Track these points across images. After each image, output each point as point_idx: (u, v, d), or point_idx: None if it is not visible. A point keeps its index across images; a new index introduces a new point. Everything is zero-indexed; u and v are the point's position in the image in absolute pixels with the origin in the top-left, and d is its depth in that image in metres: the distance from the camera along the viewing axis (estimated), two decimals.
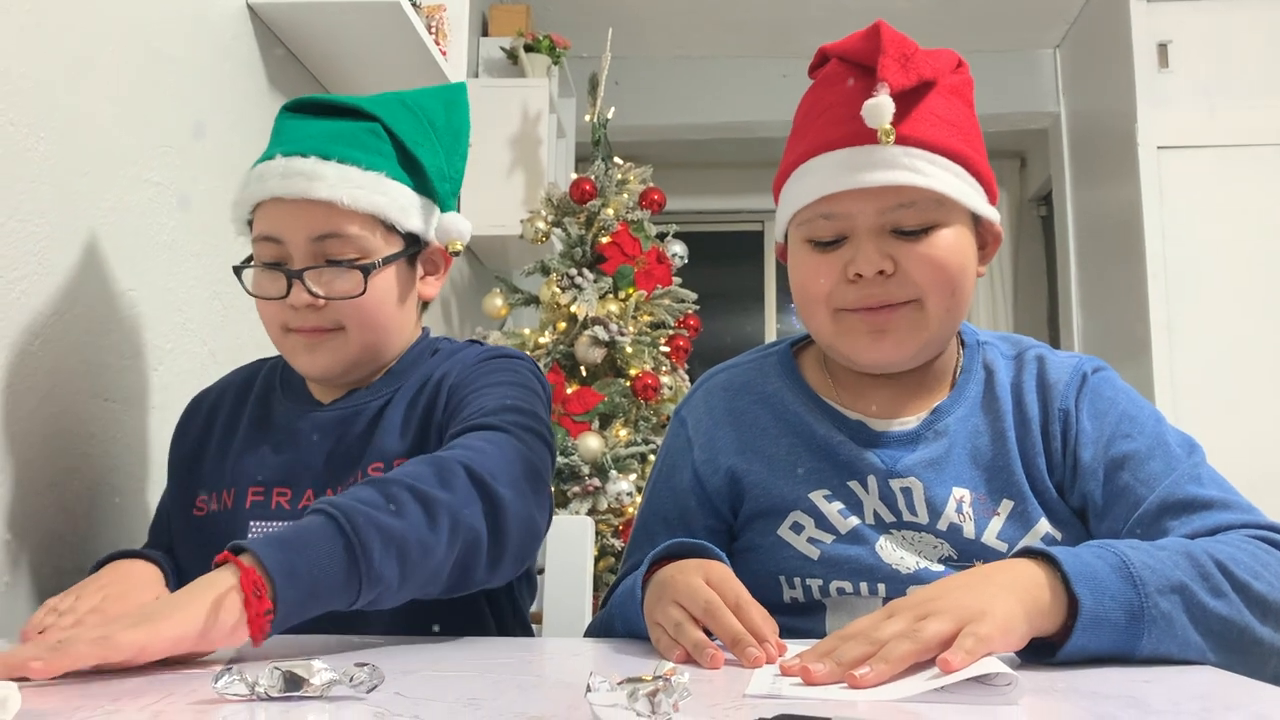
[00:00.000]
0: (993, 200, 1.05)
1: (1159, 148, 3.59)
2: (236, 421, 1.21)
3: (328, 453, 1.13)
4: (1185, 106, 3.62)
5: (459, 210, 1.24)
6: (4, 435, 1.16)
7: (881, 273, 0.98)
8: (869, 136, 0.97)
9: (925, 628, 0.73)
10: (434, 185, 1.18)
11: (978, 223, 1.04)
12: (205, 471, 1.18)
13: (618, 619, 1.00)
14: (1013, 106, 4.40)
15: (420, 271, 1.21)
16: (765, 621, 0.84)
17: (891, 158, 0.97)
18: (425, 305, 1.25)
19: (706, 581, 0.87)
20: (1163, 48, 3.66)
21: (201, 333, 1.59)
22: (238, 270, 1.16)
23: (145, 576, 1.09)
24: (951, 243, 1.00)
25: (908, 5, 4.01)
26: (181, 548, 1.17)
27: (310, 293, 1.10)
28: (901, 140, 0.97)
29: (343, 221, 1.10)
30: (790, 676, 0.73)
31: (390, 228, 1.14)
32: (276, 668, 0.65)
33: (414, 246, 1.18)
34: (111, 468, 1.36)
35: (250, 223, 1.16)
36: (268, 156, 1.13)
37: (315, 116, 1.16)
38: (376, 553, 0.82)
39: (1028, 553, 0.83)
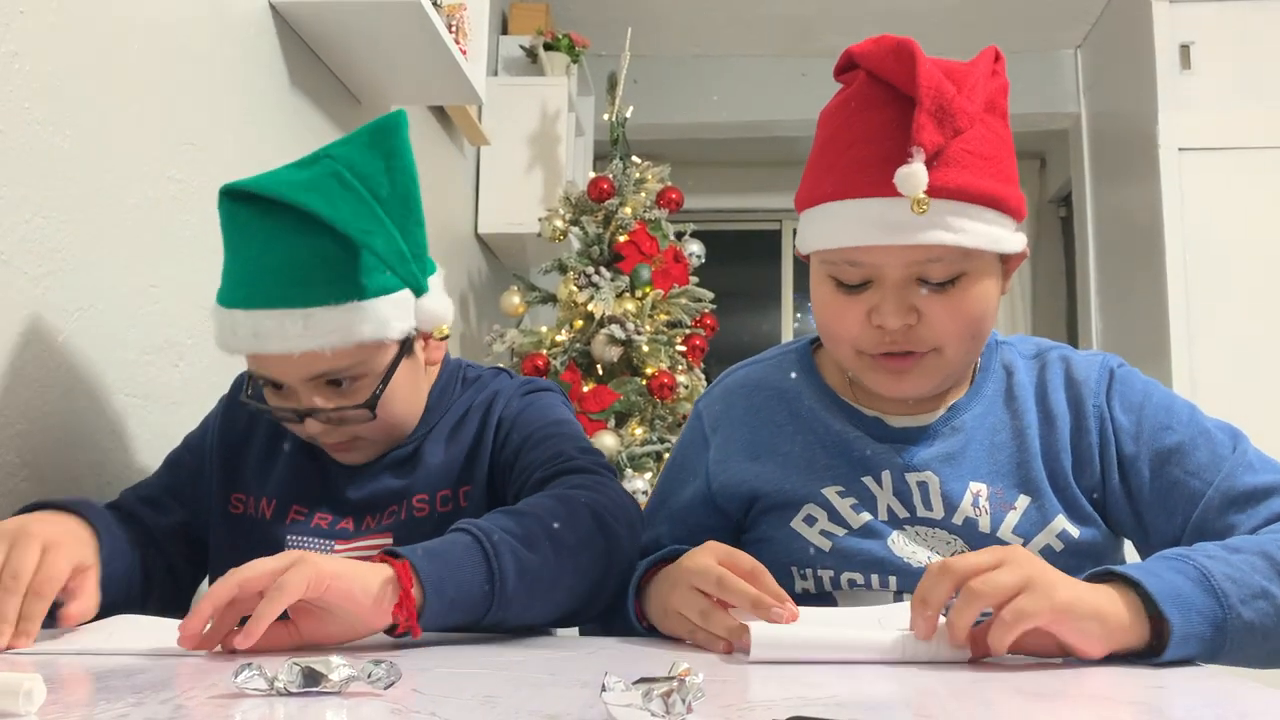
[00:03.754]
0: (1020, 219, 1.02)
1: (1180, 149, 3.56)
2: (279, 432, 1.20)
3: (370, 488, 1.17)
4: (1207, 108, 3.59)
5: (431, 284, 1.15)
6: (28, 430, 1.17)
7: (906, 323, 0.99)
8: (895, 190, 0.92)
9: (989, 580, 0.78)
10: (400, 273, 1.09)
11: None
12: (247, 471, 1.20)
13: (621, 626, 1.04)
14: (1033, 107, 4.38)
15: (422, 344, 1.17)
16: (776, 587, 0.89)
17: (923, 216, 0.93)
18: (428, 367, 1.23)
19: (717, 560, 0.91)
20: (1185, 49, 3.63)
21: None
22: (246, 400, 1.13)
23: (82, 534, 0.97)
24: (975, 292, 0.98)
25: (926, 5, 4.00)
26: (214, 538, 1.18)
27: (324, 421, 1.09)
28: (933, 192, 0.92)
29: (331, 361, 1.06)
30: (784, 624, 0.84)
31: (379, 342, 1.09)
32: (295, 663, 0.66)
33: (408, 339, 1.13)
34: (133, 463, 1.37)
35: None
36: (229, 304, 1.06)
37: (259, 219, 1.05)
38: (511, 581, 0.90)
39: (1105, 576, 0.84)
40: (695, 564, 0.92)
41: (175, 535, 1.18)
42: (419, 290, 1.12)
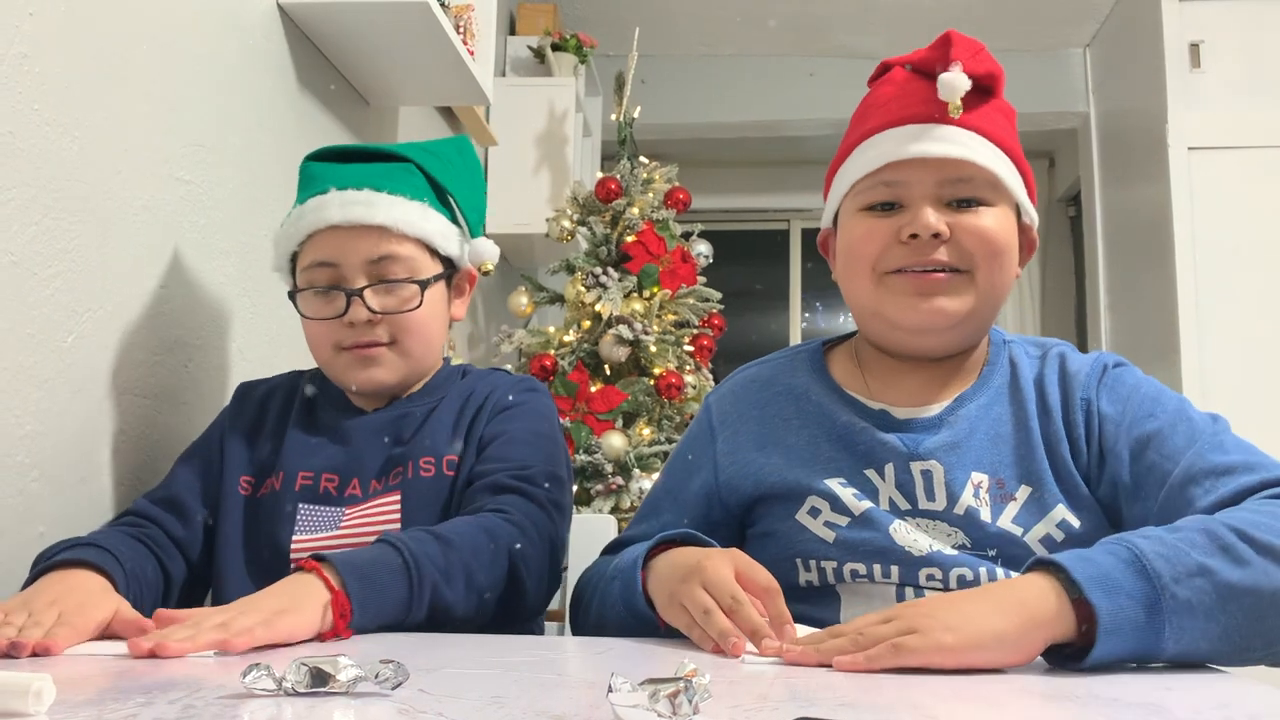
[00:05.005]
0: (1033, 198, 1.10)
1: (1190, 148, 3.55)
2: (285, 417, 1.28)
3: (378, 450, 1.23)
4: (1217, 107, 3.58)
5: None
6: (37, 430, 1.18)
7: (936, 236, 1.02)
8: (934, 115, 1.03)
9: (874, 629, 0.79)
10: (465, 215, 1.31)
11: (1019, 225, 1.09)
12: (254, 456, 1.25)
13: (618, 593, 1.01)
14: (1042, 106, 4.38)
15: (454, 294, 1.32)
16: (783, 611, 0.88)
17: (954, 134, 1.04)
18: (450, 325, 1.34)
19: (736, 571, 0.90)
20: (1194, 47, 3.63)
21: (230, 330, 1.61)
22: (291, 296, 1.24)
23: (95, 588, 1.00)
24: (1000, 222, 1.05)
25: (935, 3, 3.99)
26: (225, 522, 1.21)
27: (369, 309, 1.20)
28: (964, 125, 1.03)
29: (396, 244, 1.22)
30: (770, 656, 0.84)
31: (433, 252, 1.26)
32: (303, 664, 0.66)
33: (450, 269, 1.29)
34: (142, 463, 1.38)
35: (293, 258, 1.25)
36: (320, 191, 1.22)
37: (349, 162, 1.26)
38: (424, 610, 1.00)
39: (1036, 566, 0.83)
40: (714, 570, 0.90)
41: (197, 541, 1.22)
42: (473, 233, 1.33)
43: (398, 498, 1.18)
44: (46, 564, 1.03)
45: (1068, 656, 0.79)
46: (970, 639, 0.77)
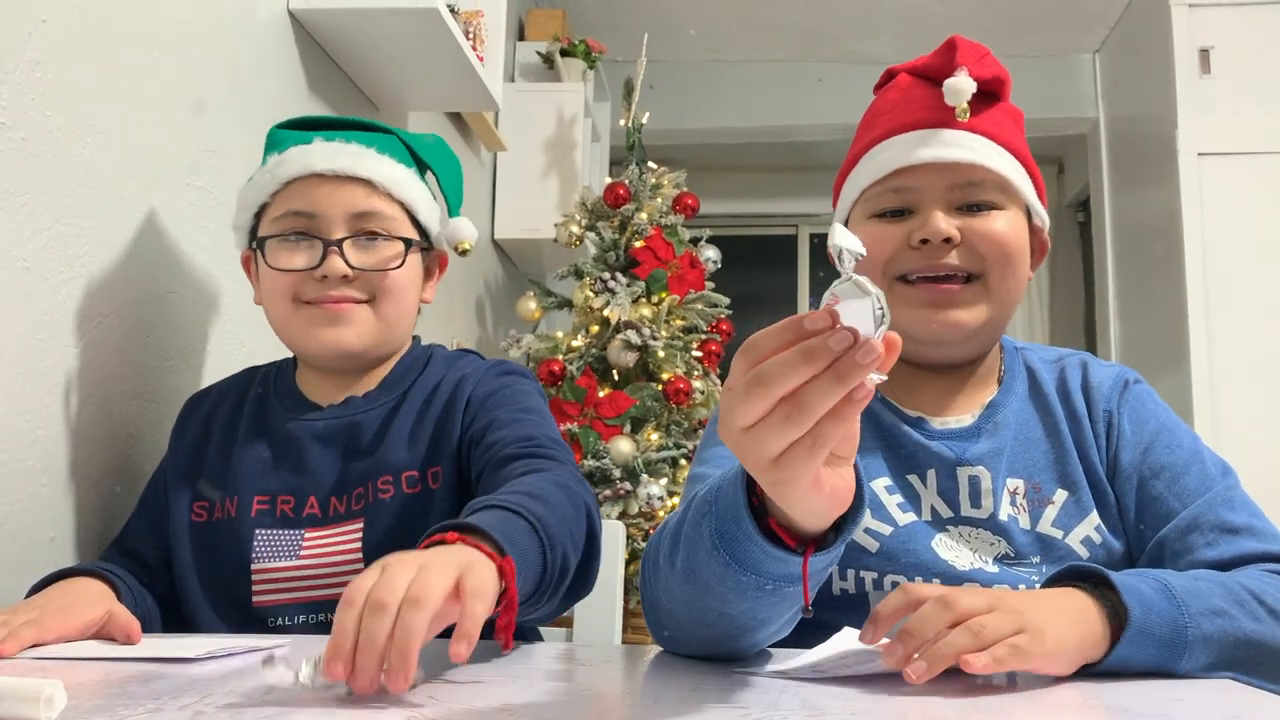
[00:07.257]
0: (1043, 201, 1.10)
1: (1199, 154, 3.54)
2: (234, 428, 1.21)
3: (333, 463, 1.15)
4: (1227, 112, 3.57)
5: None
6: (48, 435, 1.18)
7: (948, 240, 1.01)
8: (941, 121, 1.03)
9: (988, 624, 0.74)
10: (446, 193, 1.27)
11: (1030, 227, 1.08)
12: (204, 478, 1.18)
13: (706, 534, 0.75)
14: (1051, 111, 4.37)
15: (431, 277, 1.27)
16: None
17: (962, 139, 1.03)
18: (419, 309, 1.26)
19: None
20: (1204, 53, 3.61)
21: (241, 335, 1.61)
22: (260, 242, 1.16)
23: (91, 592, 0.99)
24: (1012, 223, 1.05)
25: (943, 10, 3.99)
26: (179, 553, 1.15)
27: (347, 262, 1.13)
28: (972, 129, 1.03)
29: (381, 202, 1.16)
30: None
31: (414, 222, 1.20)
32: (318, 661, 0.66)
33: (428, 244, 1.23)
34: (152, 468, 1.38)
35: (259, 214, 1.18)
36: (303, 141, 1.16)
37: (334, 130, 1.21)
38: (556, 569, 0.85)
39: (1075, 574, 0.84)
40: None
41: (162, 578, 1.17)
42: (451, 213, 1.28)
43: (360, 525, 1.11)
44: (48, 577, 1.03)
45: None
46: (1060, 646, 0.76)
